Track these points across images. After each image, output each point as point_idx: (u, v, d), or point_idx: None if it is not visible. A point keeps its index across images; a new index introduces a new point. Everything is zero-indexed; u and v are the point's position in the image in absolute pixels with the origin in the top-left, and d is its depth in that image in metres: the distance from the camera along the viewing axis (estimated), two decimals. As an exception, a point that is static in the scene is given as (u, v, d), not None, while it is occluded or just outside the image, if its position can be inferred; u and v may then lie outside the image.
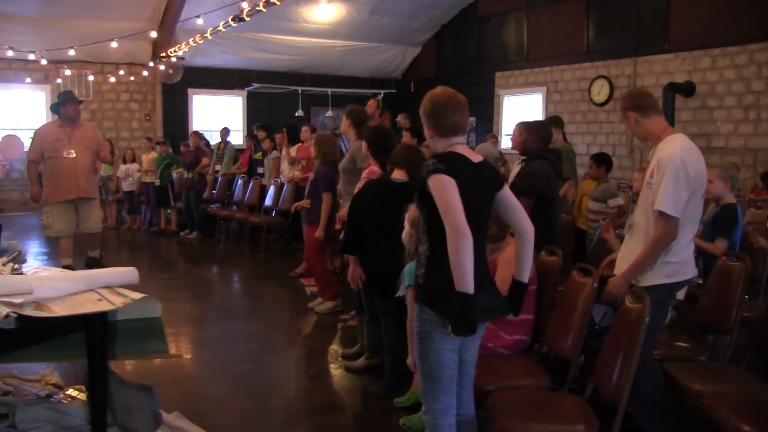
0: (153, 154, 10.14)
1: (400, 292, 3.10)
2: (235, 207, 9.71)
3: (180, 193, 9.87)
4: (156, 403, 3.40)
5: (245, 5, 8.06)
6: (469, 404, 2.74)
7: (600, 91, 11.09)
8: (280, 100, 14.49)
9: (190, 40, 11.18)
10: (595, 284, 3.17)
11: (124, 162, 10.46)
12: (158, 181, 9.72)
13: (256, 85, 13.93)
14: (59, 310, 2.83)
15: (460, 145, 2.56)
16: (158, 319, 3.33)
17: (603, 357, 2.88)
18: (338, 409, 3.89)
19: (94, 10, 11.25)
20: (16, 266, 3.24)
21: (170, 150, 10.16)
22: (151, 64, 12.34)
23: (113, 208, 10.79)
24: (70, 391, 3.79)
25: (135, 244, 9.66)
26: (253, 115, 14.05)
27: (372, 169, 4.27)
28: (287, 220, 8.68)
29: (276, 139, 9.29)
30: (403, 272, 2.92)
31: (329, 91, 14.42)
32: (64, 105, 5.92)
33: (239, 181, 9.68)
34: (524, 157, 4.56)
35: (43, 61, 11.06)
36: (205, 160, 9.66)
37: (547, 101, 12.19)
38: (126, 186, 10.32)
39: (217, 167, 10.22)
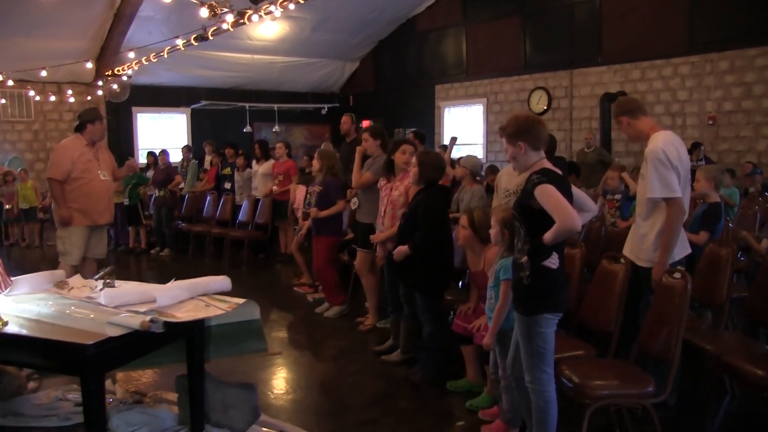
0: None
1: (491, 283, 3.60)
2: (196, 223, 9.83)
3: (150, 211, 9.90)
4: (255, 398, 3.74)
5: (226, 24, 8.26)
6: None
7: (539, 101, 12.02)
8: (224, 116, 14.62)
9: (143, 59, 11.19)
10: (627, 270, 3.80)
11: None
12: (127, 200, 9.70)
13: (204, 102, 14.01)
14: (181, 316, 3.15)
15: (545, 161, 3.06)
16: (258, 321, 3.69)
17: (649, 327, 3.49)
18: (395, 396, 4.32)
19: (37, 28, 11.00)
20: (108, 281, 3.51)
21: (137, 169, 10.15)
22: (101, 83, 12.20)
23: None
24: (155, 396, 4.06)
25: (104, 264, 9.54)
26: (198, 133, 14.16)
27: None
28: (266, 233, 8.96)
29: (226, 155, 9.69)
30: (500, 265, 3.41)
31: (275, 106, 14.70)
32: (93, 123, 5.55)
33: (209, 198, 9.83)
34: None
35: (10, 82, 10.75)
36: (177, 178, 9.76)
37: (488, 112, 13.03)
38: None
39: (182, 185, 10.33)
